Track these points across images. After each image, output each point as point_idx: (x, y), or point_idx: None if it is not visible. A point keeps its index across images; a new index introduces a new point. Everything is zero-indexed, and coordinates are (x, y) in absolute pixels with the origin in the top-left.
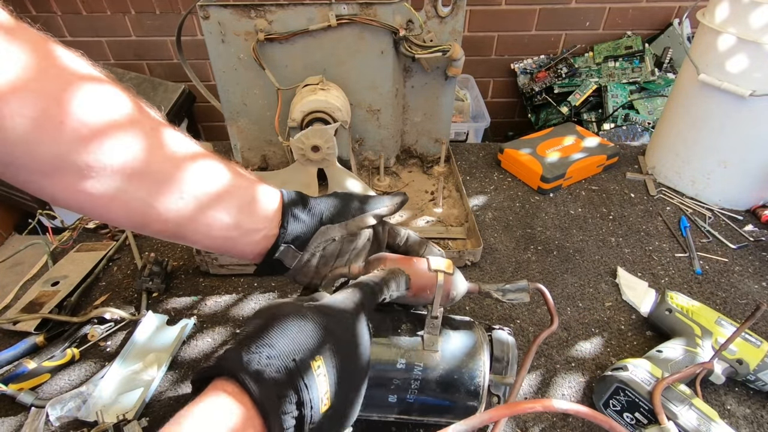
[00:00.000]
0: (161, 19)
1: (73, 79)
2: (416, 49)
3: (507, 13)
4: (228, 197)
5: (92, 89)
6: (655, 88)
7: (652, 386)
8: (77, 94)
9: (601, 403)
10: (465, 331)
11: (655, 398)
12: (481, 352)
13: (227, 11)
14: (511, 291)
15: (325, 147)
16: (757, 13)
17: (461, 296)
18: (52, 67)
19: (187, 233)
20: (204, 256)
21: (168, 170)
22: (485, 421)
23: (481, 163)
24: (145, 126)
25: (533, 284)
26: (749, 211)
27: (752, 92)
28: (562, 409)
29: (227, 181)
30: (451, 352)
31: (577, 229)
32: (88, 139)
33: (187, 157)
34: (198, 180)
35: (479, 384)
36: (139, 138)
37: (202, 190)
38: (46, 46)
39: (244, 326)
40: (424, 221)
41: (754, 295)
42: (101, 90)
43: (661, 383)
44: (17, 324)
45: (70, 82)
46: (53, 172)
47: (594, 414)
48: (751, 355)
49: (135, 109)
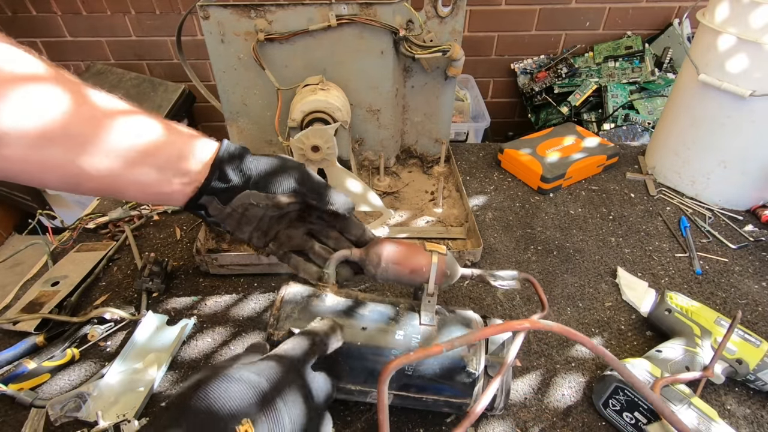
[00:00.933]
0: (161, 19)
1: None
2: (416, 49)
3: (507, 13)
4: (156, 152)
5: (2, 55)
6: (655, 88)
7: (651, 385)
8: None
9: (600, 402)
10: (462, 312)
11: (654, 395)
12: (476, 328)
13: (227, 11)
14: (502, 277)
15: (325, 147)
16: (757, 13)
17: (456, 278)
18: None
19: (119, 189)
20: (204, 256)
21: (89, 131)
22: (476, 338)
23: (481, 163)
24: (63, 89)
25: (523, 274)
26: (749, 211)
27: (752, 92)
28: (545, 327)
29: (155, 136)
30: (448, 328)
31: (577, 229)
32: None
33: (110, 115)
34: (122, 138)
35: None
36: (54, 101)
37: (128, 148)
38: None
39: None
40: (424, 221)
41: (754, 295)
42: (11, 54)
43: (660, 381)
44: (17, 324)
45: None
46: None
47: (568, 330)
48: (751, 355)
49: (50, 74)
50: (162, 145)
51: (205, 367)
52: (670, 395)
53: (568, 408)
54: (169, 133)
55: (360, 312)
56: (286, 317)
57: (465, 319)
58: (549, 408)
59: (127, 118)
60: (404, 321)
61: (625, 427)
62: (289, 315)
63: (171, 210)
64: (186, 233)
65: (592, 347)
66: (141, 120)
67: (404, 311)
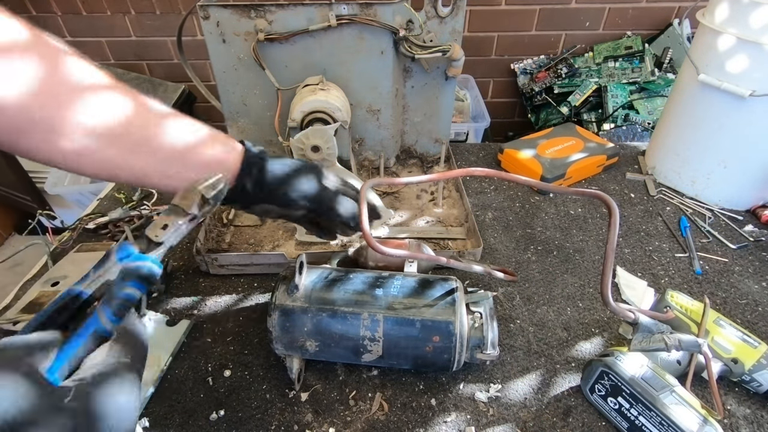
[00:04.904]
0: (161, 19)
1: (60, 53)
2: (416, 50)
3: (507, 13)
4: (195, 158)
5: (75, 64)
6: (655, 88)
7: (635, 371)
8: (67, 67)
9: (587, 388)
10: None
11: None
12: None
13: (227, 11)
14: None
15: (325, 147)
16: (757, 13)
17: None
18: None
19: (151, 183)
20: (204, 256)
21: (145, 134)
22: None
23: (481, 163)
24: (126, 92)
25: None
26: (749, 211)
27: (752, 92)
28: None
29: (196, 142)
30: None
31: (577, 229)
32: (71, 103)
33: (164, 118)
34: (171, 142)
35: (452, 285)
36: (117, 106)
37: (173, 151)
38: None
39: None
40: (424, 221)
41: (754, 295)
42: (81, 65)
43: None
44: (17, 324)
45: (57, 54)
46: (30, 130)
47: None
48: (747, 356)
49: (111, 78)
50: (201, 150)
51: None
52: (654, 383)
53: (568, 408)
54: (211, 140)
55: None
56: None
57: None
58: (549, 408)
59: (178, 122)
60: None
61: (610, 413)
62: None
63: None
64: None
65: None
66: (187, 124)
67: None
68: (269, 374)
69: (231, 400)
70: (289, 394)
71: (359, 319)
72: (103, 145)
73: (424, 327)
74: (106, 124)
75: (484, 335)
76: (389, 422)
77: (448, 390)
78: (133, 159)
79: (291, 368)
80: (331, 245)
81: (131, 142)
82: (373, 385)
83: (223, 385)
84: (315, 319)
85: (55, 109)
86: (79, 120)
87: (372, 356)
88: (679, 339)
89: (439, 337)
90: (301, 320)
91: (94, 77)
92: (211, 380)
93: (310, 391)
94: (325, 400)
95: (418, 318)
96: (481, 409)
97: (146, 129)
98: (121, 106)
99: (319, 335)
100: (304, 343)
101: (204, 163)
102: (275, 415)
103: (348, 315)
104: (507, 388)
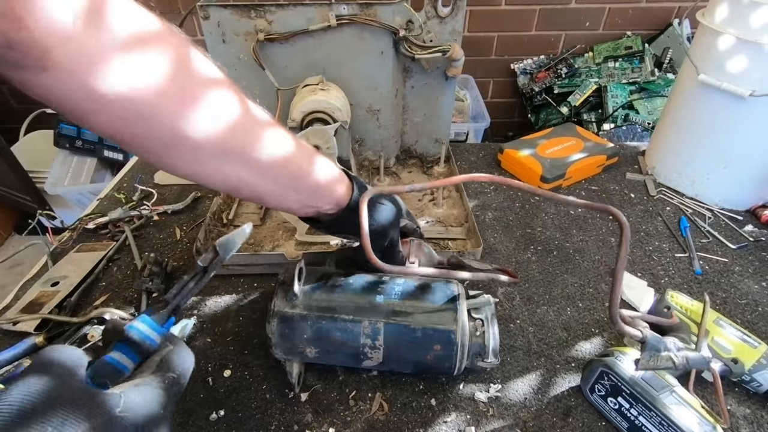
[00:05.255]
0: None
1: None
2: (416, 50)
3: (507, 13)
4: (315, 194)
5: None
6: (655, 88)
7: (635, 370)
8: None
9: (587, 387)
10: None
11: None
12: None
13: (227, 11)
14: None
15: (325, 147)
16: (757, 14)
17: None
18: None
19: (269, 203)
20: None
21: (298, 172)
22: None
23: (481, 163)
24: (235, 94)
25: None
26: (749, 211)
27: (752, 92)
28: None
29: (319, 177)
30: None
31: (577, 229)
32: (259, 139)
33: (313, 154)
34: (317, 178)
35: (454, 291)
36: (280, 139)
37: (318, 186)
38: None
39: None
40: (424, 221)
41: (754, 295)
42: (206, 62)
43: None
44: (17, 324)
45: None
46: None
47: (501, 179)
48: (747, 356)
49: (226, 80)
50: (323, 184)
51: None
52: (654, 383)
53: (568, 408)
54: (329, 176)
55: None
56: None
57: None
58: (549, 408)
59: (308, 155)
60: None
61: (610, 413)
62: None
63: (171, 210)
64: (186, 233)
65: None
66: (315, 158)
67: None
68: (269, 374)
69: (231, 400)
70: (289, 395)
71: (360, 327)
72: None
73: (425, 335)
74: (271, 160)
75: (485, 343)
76: (389, 422)
77: (448, 390)
78: (290, 194)
79: (291, 372)
80: (331, 245)
81: (288, 176)
82: (373, 385)
83: (222, 385)
84: (315, 327)
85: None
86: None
87: (372, 362)
88: (687, 357)
89: (440, 345)
90: (301, 327)
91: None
92: (211, 380)
93: (309, 392)
94: (325, 400)
95: (419, 326)
96: (481, 409)
97: (300, 167)
98: (283, 143)
99: (319, 342)
100: (303, 349)
101: (336, 199)
102: (275, 416)
103: (348, 323)
104: (507, 388)
